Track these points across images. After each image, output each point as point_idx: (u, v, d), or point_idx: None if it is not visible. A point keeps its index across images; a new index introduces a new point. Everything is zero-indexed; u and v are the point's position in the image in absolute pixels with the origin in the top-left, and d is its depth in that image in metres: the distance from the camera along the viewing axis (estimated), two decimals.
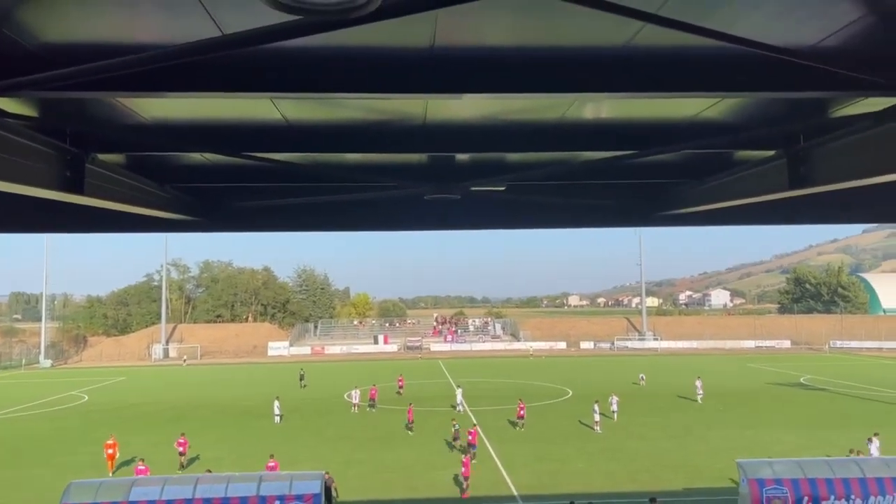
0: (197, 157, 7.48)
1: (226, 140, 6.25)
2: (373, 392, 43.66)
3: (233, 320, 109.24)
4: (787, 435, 33.50)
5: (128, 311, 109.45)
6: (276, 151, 6.47)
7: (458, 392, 43.26)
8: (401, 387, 50.70)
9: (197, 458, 30.01)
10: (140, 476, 21.39)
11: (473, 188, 8.03)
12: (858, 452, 25.74)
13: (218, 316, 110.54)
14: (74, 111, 5.75)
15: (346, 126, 6.27)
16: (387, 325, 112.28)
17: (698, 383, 45.26)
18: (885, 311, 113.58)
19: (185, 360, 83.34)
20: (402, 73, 4.35)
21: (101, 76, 3.89)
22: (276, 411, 38.82)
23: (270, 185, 8.53)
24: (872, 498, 20.35)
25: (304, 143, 6.40)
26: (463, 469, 24.21)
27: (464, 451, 27.46)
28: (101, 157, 6.74)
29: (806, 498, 20.41)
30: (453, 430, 31.19)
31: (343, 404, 43.73)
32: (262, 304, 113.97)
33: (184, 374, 69.76)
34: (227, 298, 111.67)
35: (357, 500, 23.50)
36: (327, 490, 20.64)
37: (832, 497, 20.37)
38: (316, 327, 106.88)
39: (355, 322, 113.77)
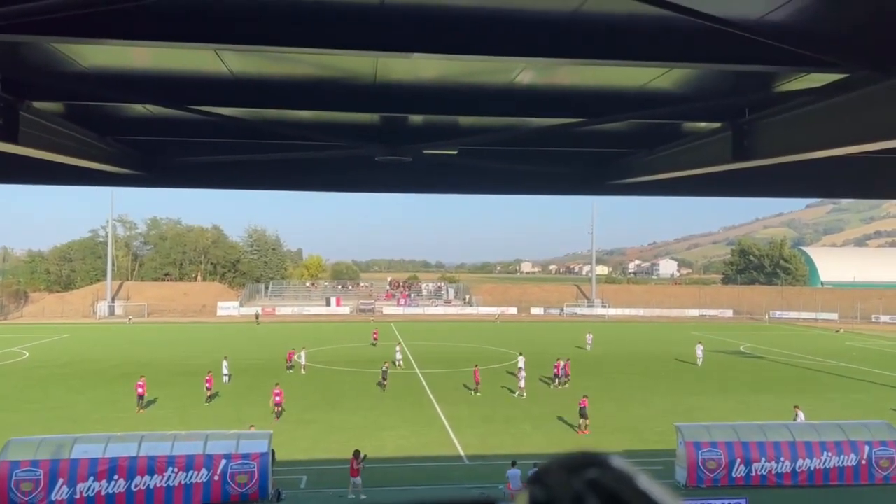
0: (140, 108, 7.23)
1: (169, 92, 6.06)
2: (289, 355, 44.06)
3: (181, 279, 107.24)
4: (725, 400, 34.80)
5: (72, 267, 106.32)
6: (222, 105, 6.30)
7: (398, 349, 46.60)
8: (375, 339, 57.28)
9: (148, 405, 29.69)
10: (82, 435, 21.05)
11: (425, 151, 7.99)
12: (796, 408, 26.80)
13: (166, 274, 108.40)
14: (6, 55, 5.47)
15: (294, 82, 6.13)
16: (339, 287, 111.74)
17: (699, 348, 48.10)
18: (823, 283, 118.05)
19: (130, 319, 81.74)
20: (351, 28, 4.26)
21: (31, 18, 3.71)
22: (225, 371, 38.51)
23: (217, 141, 8.32)
24: (800, 461, 21.40)
25: (251, 98, 6.24)
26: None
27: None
28: (38, 105, 6.46)
29: (738, 460, 21.34)
30: (382, 370, 37.33)
31: (293, 365, 43.60)
32: (211, 264, 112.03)
33: (129, 333, 68.47)
34: (175, 257, 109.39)
35: (303, 459, 23.62)
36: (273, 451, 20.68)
37: (763, 459, 21.33)
38: (267, 288, 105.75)
39: (308, 284, 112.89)
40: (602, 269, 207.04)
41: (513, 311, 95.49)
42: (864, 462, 21.56)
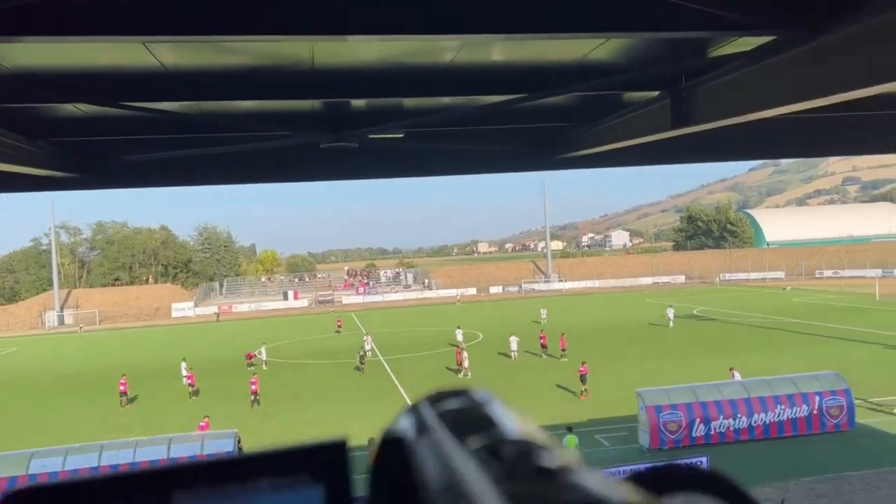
0: (71, 108, 6.99)
1: (100, 89, 5.86)
2: (248, 355, 43.20)
3: (132, 283, 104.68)
4: (682, 363, 35.69)
5: (15, 278, 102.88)
6: (157, 100, 6.13)
7: (366, 338, 45.38)
8: (339, 326, 58.85)
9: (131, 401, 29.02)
10: (39, 449, 20.49)
11: (371, 136, 7.93)
12: (732, 370, 27.48)
13: (116, 279, 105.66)
14: None
15: (230, 72, 5.99)
16: (296, 280, 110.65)
17: (670, 311, 51.74)
18: (768, 243, 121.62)
19: (81, 327, 79.55)
20: (281, 12, 4.17)
21: None
22: (184, 372, 37.80)
23: (157, 137, 8.11)
24: (756, 415, 22.14)
25: (187, 91, 6.09)
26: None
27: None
28: None
29: (698, 420, 21.96)
30: (360, 354, 39.35)
31: (254, 363, 43.09)
32: (162, 265, 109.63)
33: (82, 342, 66.63)
34: (124, 260, 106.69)
35: None
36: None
37: (721, 417, 22.01)
38: (222, 286, 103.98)
39: (263, 279, 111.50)
40: (557, 244, 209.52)
41: (472, 291, 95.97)
42: (815, 412, 22.42)
